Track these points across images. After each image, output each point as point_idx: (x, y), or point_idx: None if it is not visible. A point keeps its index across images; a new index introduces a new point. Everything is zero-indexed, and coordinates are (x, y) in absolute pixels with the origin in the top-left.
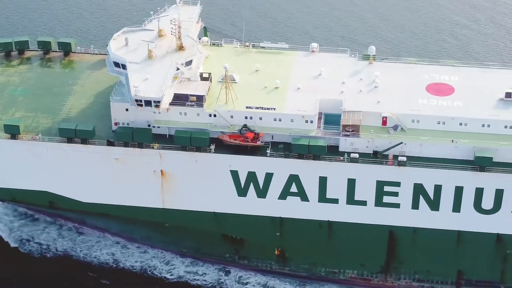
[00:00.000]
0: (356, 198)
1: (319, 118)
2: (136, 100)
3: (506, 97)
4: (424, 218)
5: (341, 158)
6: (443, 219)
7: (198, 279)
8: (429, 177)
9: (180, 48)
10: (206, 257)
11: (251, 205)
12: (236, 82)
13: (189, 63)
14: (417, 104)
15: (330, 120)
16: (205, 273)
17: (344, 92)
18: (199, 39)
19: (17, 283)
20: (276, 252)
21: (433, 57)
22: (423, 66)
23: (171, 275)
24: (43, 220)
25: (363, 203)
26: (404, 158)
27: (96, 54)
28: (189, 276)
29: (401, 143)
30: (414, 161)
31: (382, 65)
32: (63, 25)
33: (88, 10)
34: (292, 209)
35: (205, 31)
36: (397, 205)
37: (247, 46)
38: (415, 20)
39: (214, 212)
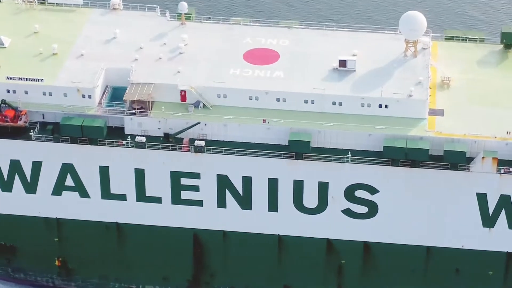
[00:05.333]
0: (148, 193)
1: (104, 92)
2: None
3: (340, 66)
4: (234, 219)
5: (123, 142)
6: (257, 221)
7: None
8: (235, 167)
9: None
10: None
11: (18, 203)
12: (4, 47)
13: None
14: (226, 75)
15: (119, 95)
16: None
17: (139, 60)
18: None
19: None
20: (57, 263)
21: (272, 18)
22: (249, 27)
23: None
24: None
25: (157, 200)
26: (202, 143)
27: None
28: None
29: (198, 123)
30: (217, 146)
31: (197, 27)
32: None
33: None
34: (70, 207)
35: None
36: (199, 203)
37: (31, 2)
38: None
39: None
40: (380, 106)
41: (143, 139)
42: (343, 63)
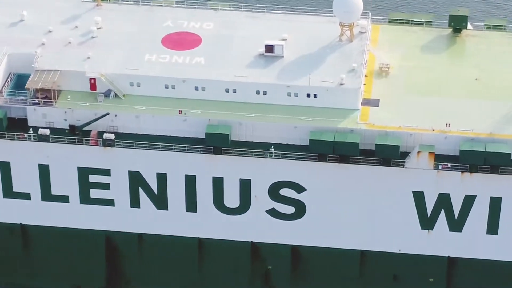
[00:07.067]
0: (54, 192)
1: (6, 80)
2: None
3: (266, 51)
4: (149, 221)
5: (25, 135)
6: (175, 222)
7: None
8: (148, 163)
9: None
10: None
11: None
12: None
13: None
14: (141, 61)
15: (24, 83)
16: None
17: (46, 44)
18: None
19: None
20: None
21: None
22: (172, 9)
23: None
24: None
25: (64, 199)
26: (112, 136)
27: None
28: None
29: (107, 114)
30: (129, 139)
31: (114, 8)
32: None
33: None
34: None
35: None
36: (110, 202)
37: None
38: None
39: None
40: (308, 95)
41: (47, 131)
42: (270, 48)
